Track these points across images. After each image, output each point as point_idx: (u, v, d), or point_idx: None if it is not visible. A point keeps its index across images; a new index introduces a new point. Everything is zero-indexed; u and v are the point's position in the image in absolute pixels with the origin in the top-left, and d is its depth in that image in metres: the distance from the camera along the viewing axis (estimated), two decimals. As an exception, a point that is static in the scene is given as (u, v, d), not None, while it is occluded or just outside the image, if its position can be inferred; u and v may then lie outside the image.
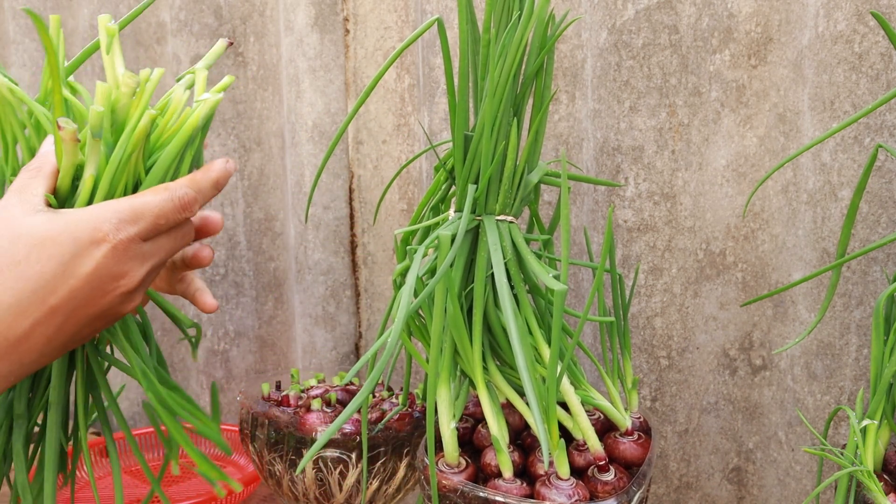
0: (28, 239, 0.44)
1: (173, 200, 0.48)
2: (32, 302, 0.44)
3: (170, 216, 0.48)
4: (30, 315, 0.44)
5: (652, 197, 0.77)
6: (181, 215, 0.49)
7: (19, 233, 0.44)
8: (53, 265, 0.44)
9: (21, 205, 0.46)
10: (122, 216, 0.46)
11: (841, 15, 0.66)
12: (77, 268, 0.44)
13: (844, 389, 0.70)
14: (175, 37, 1.06)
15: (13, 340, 0.44)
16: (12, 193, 0.47)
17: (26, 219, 0.45)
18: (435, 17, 0.57)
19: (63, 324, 0.45)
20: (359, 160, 1.02)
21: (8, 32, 1.22)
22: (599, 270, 0.54)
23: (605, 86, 0.78)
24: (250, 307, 1.11)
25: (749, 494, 0.79)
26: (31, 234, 0.44)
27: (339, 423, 0.44)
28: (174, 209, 0.48)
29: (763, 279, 0.75)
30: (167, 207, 0.48)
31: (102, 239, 0.45)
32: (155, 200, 0.47)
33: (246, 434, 0.73)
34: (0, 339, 0.43)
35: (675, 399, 0.80)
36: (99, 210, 0.46)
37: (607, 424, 0.60)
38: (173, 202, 0.48)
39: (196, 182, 0.50)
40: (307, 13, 0.99)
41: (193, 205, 0.49)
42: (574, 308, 0.85)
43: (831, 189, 0.69)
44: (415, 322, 0.61)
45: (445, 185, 0.66)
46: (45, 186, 0.47)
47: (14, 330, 0.44)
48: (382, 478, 0.69)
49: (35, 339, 0.45)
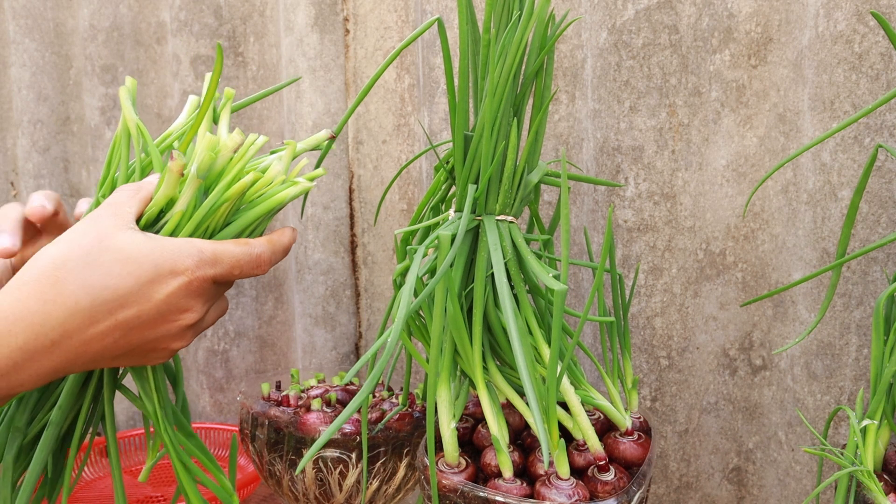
0: (115, 253, 0.47)
1: (251, 255, 0.51)
2: (103, 311, 0.46)
3: (244, 268, 0.51)
4: (98, 321, 0.46)
5: (652, 197, 0.77)
6: (255, 270, 0.52)
7: (108, 244, 0.47)
8: (131, 283, 0.46)
9: (113, 218, 0.48)
10: (204, 256, 0.49)
11: (841, 15, 0.66)
12: (151, 292, 0.47)
13: (844, 389, 0.70)
14: (175, 37, 1.06)
15: (78, 340, 0.46)
16: (106, 206, 0.50)
17: (117, 233, 0.47)
18: (435, 17, 0.57)
19: (122, 338, 0.48)
20: (359, 160, 1.02)
21: (8, 32, 1.22)
22: (599, 270, 0.54)
23: (605, 86, 0.78)
24: (250, 307, 1.11)
25: (749, 494, 0.79)
26: (118, 248, 0.47)
27: (338, 423, 0.44)
28: (250, 263, 0.51)
29: (763, 279, 0.75)
30: (244, 260, 0.51)
31: (181, 272, 0.48)
32: (235, 251, 0.51)
33: (246, 434, 0.73)
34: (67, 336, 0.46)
35: (675, 399, 0.80)
36: (184, 245, 0.49)
37: (607, 424, 0.60)
38: (251, 256, 0.51)
39: (273, 243, 0.53)
40: (307, 13, 0.99)
41: (268, 263, 0.53)
42: (574, 308, 0.85)
43: (831, 189, 0.69)
44: (415, 322, 0.61)
45: (445, 185, 0.66)
46: (137, 208, 0.50)
47: (82, 331, 0.46)
48: (382, 478, 0.69)
49: (95, 345, 0.47)
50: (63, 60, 1.24)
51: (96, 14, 1.14)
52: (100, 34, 1.14)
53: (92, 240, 0.47)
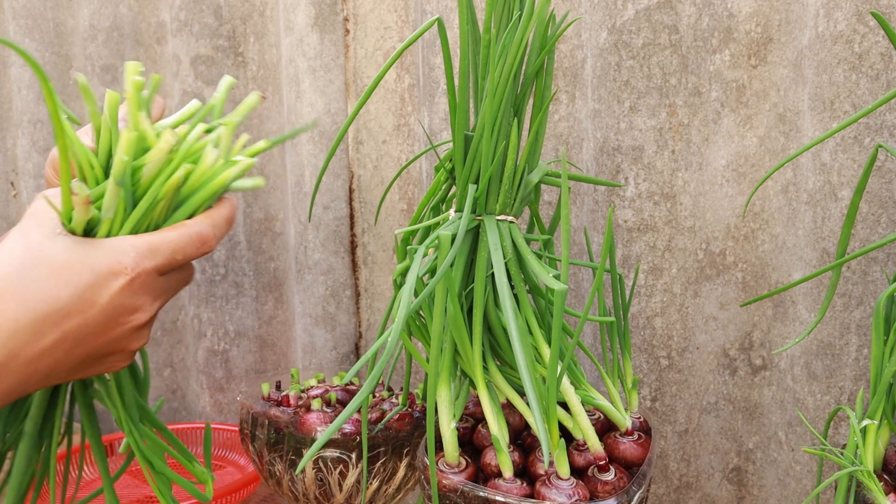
0: (48, 263, 0.45)
1: (191, 236, 0.49)
2: (47, 324, 0.44)
3: (187, 250, 0.49)
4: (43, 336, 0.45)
5: (652, 197, 0.77)
6: (200, 249, 0.50)
7: (39, 257, 0.45)
8: (70, 291, 0.45)
9: (39, 228, 0.46)
10: (141, 250, 0.47)
11: (841, 15, 0.66)
12: (94, 297, 0.45)
13: (844, 389, 0.70)
14: (175, 37, 1.06)
15: (24, 359, 0.44)
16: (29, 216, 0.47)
17: (46, 242, 0.45)
18: (435, 18, 0.57)
19: (72, 349, 0.46)
20: (359, 160, 1.02)
21: (8, 32, 1.22)
22: (599, 270, 0.54)
23: (605, 86, 0.78)
24: (250, 307, 1.11)
25: (749, 494, 0.79)
26: (51, 258, 0.45)
27: (338, 423, 0.44)
28: (192, 244, 0.49)
29: (763, 279, 0.75)
30: (184, 242, 0.49)
31: (121, 272, 0.46)
32: (172, 236, 0.48)
33: (246, 434, 0.73)
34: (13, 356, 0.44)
35: (675, 399, 0.80)
36: (119, 243, 0.47)
37: (607, 424, 0.60)
38: (191, 237, 0.49)
39: (212, 218, 0.51)
40: (307, 13, 0.99)
41: (211, 240, 0.50)
42: (574, 308, 0.85)
43: (831, 189, 0.69)
44: (415, 322, 0.61)
45: (445, 185, 0.66)
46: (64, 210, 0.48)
47: (27, 349, 0.44)
48: (382, 478, 0.69)
49: (45, 361, 0.45)
50: (63, 60, 1.24)
51: (96, 14, 1.14)
52: (100, 34, 1.14)
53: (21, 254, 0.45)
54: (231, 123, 0.52)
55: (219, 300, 1.10)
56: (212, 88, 1.05)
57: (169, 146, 0.48)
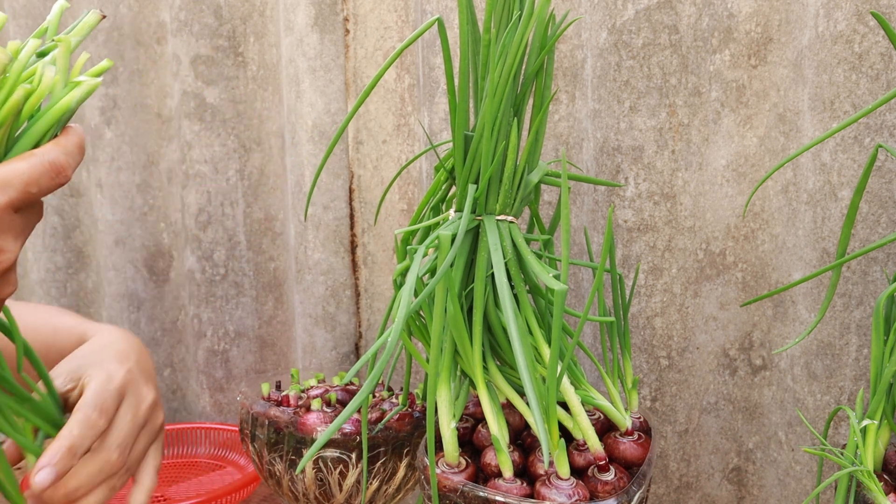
0: None
1: (44, 164, 0.44)
2: None
3: (42, 182, 0.44)
4: None
5: (652, 197, 0.77)
6: (56, 179, 0.44)
7: None
8: None
9: None
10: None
11: (841, 15, 0.66)
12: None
13: (844, 389, 0.70)
14: (175, 37, 1.06)
15: None
16: None
17: None
18: (435, 18, 0.57)
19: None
20: (359, 160, 1.02)
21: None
22: (599, 270, 0.54)
23: (605, 86, 0.78)
24: (250, 307, 1.11)
25: (749, 494, 0.79)
26: None
27: (338, 423, 0.44)
28: (46, 173, 0.44)
29: (763, 279, 0.75)
30: (38, 172, 0.43)
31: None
32: (24, 166, 0.43)
33: (246, 434, 0.73)
34: None
35: (675, 399, 0.80)
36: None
37: (607, 424, 0.60)
38: (44, 166, 0.44)
39: (64, 146, 0.45)
40: (307, 13, 0.99)
41: (67, 168, 0.45)
42: (574, 308, 0.85)
43: (831, 189, 0.69)
44: (415, 322, 0.61)
45: (445, 185, 0.66)
46: None
47: None
48: (382, 478, 0.69)
49: None
50: (63, 60, 1.24)
51: (96, 14, 1.14)
52: (100, 34, 1.14)
53: None
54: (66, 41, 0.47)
55: (219, 300, 1.10)
56: (212, 88, 1.05)
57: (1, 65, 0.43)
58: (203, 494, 0.83)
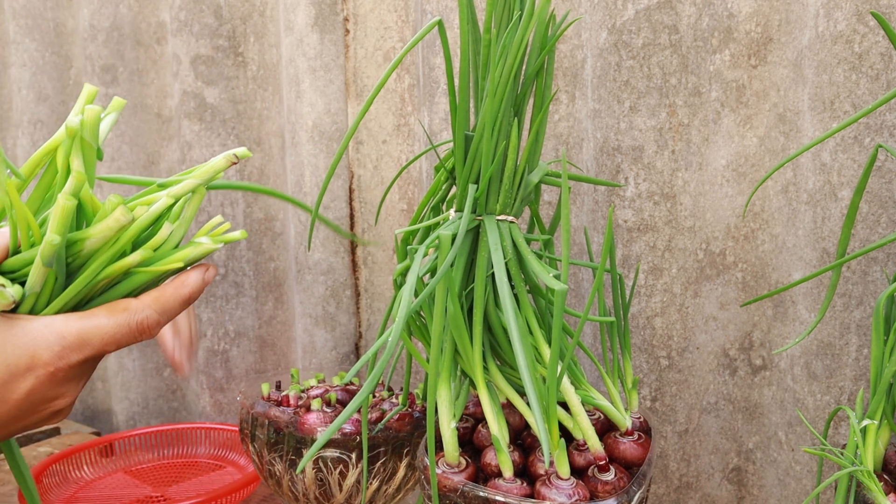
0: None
1: (130, 325, 0.42)
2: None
3: (122, 342, 0.42)
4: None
5: (652, 197, 0.77)
6: (137, 339, 0.43)
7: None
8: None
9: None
10: (67, 343, 0.41)
11: (841, 15, 0.66)
12: (8, 394, 0.40)
13: (844, 389, 0.70)
14: (175, 37, 1.06)
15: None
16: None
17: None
18: (436, 20, 0.57)
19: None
20: (359, 160, 1.02)
21: (8, 32, 1.22)
22: (599, 270, 0.54)
23: (605, 86, 0.78)
24: (250, 307, 1.11)
25: (749, 494, 0.79)
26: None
27: (338, 423, 0.44)
28: (129, 334, 0.42)
29: (763, 279, 0.75)
30: (121, 333, 0.42)
31: (40, 366, 0.40)
32: (108, 325, 0.41)
33: (246, 434, 0.73)
34: None
35: (675, 399, 0.80)
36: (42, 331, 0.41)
37: (607, 424, 0.60)
38: (129, 327, 0.42)
39: (162, 302, 0.43)
40: (307, 13, 0.99)
41: (154, 328, 0.43)
42: (574, 308, 0.85)
43: (831, 189, 0.69)
44: (415, 322, 0.61)
45: (446, 185, 0.66)
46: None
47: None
48: (382, 478, 0.69)
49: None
50: (63, 60, 1.24)
51: (96, 14, 1.14)
52: (100, 34, 1.14)
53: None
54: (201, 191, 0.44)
55: (219, 300, 1.10)
56: (212, 88, 1.05)
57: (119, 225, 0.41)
58: (203, 494, 0.83)
